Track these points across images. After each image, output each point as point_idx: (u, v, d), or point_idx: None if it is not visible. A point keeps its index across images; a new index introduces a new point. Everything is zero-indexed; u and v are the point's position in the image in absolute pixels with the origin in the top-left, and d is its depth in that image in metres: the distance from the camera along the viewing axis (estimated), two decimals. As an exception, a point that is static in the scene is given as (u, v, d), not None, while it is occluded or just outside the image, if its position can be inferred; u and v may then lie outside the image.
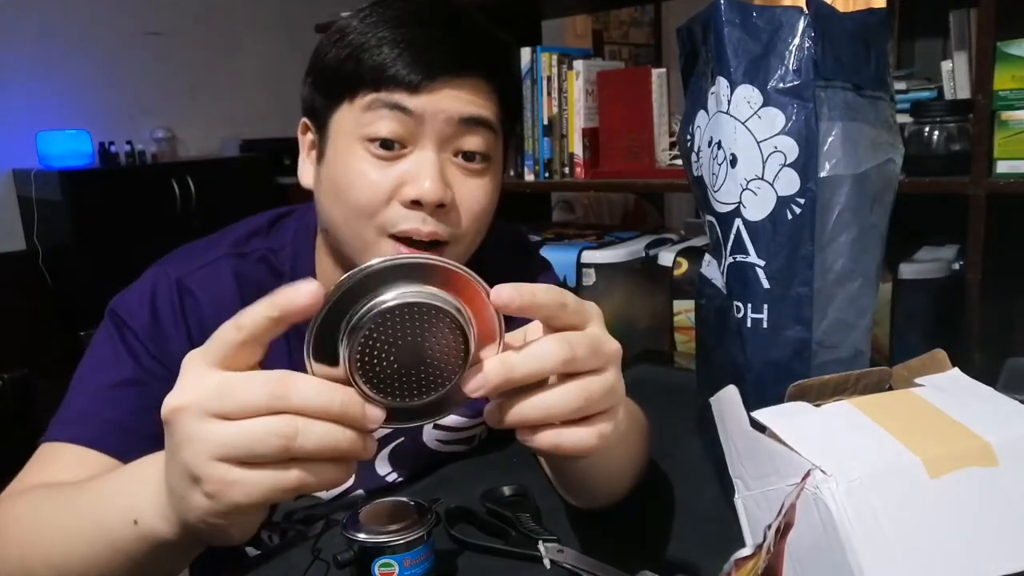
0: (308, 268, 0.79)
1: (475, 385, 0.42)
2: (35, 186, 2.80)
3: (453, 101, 0.68)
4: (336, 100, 0.70)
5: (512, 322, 0.45)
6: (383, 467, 0.85)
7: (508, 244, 0.92)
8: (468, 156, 0.70)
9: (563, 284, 0.96)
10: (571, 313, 0.45)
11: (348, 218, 0.69)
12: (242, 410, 0.38)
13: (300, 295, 0.40)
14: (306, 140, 0.75)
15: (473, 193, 0.71)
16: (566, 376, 0.44)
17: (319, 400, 0.39)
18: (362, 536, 0.61)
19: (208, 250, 0.78)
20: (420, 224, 0.68)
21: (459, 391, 0.43)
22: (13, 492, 0.65)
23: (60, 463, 0.66)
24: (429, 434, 0.87)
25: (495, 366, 0.42)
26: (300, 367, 0.42)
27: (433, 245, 0.69)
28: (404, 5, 0.70)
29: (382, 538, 0.60)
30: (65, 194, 2.68)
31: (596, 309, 0.48)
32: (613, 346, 0.47)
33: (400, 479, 0.87)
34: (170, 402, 0.40)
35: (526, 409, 0.43)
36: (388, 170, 0.68)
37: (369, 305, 0.40)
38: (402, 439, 0.85)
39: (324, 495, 0.82)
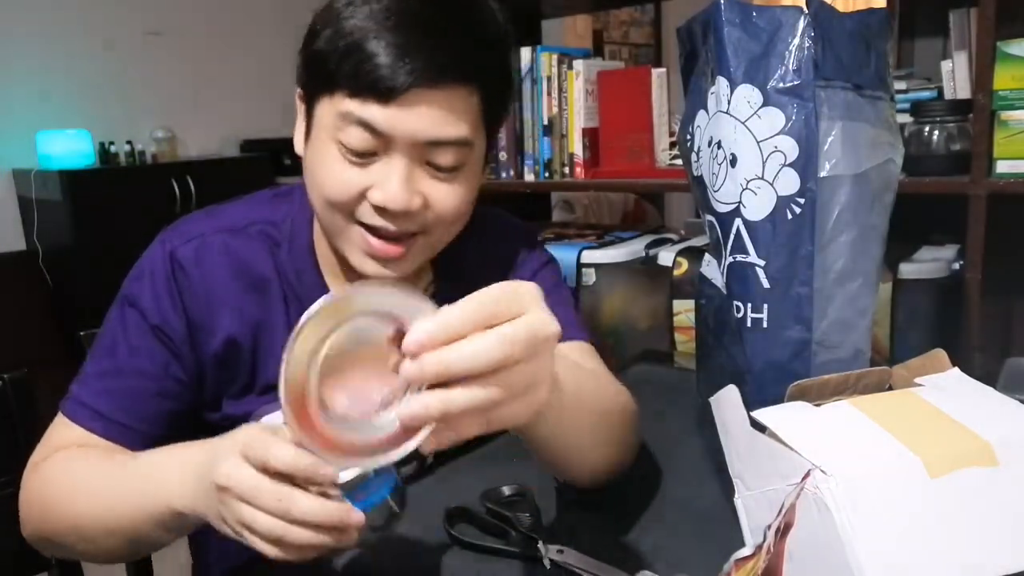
0: (306, 240, 0.81)
1: (411, 375, 0.45)
2: (35, 186, 2.80)
3: (422, 120, 0.67)
4: (319, 90, 0.71)
5: None
6: None
7: (513, 234, 0.93)
8: (438, 167, 0.71)
9: (564, 280, 0.97)
10: (506, 310, 0.46)
11: (322, 206, 0.73)
12: (258, 508, 0.52)
13: (324, 480, 0.52)
14: (301, 108, 0.76)
15: (444, 197, 0.72)
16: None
17: (310, 518, 0.51)
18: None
19: (206, 221, 0.81)
20: (386, 224, 0.71)
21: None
22: (44, 455, 0.74)
23: (75, 435, 0.74)
24: None
25: (431, 361, 0.44)
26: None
27: (400, 237, 0.72)
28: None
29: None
30: (65, 194, 2.68)
31: (532, 290, 0.48)
32: (550, 330, 0.48)
33: None
34: (219, 480, 0.53)
35: (452, 396, 0.45)
36: (359, 172, 0.70)
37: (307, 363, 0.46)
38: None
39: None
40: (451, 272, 0.88)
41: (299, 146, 0.76)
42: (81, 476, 0.70)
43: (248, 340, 0.79)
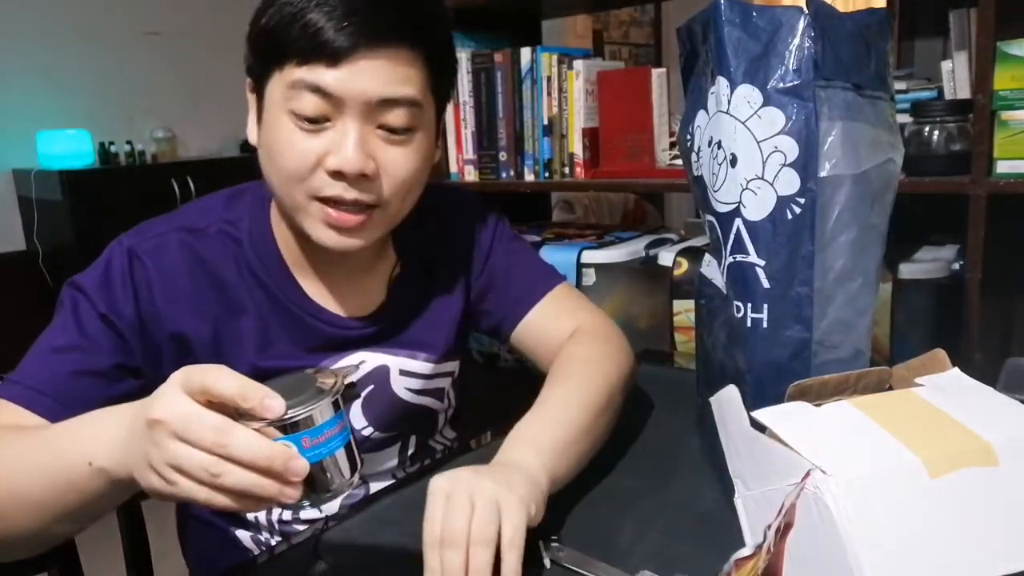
0: (267, 233, 0.82)
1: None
2: (35, 186, 2.80)
3: (371, 80, 0.70)
4: (268, 69, 0.72)
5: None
6: (358, 420, 0.87)
7: (465, 207, 0.96)
8: (391, 129, 0.73)
9: (507, 229, 0.99)
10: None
11: (281, 182, 0.74)
12: (193, 442, 0.49)
13: (268, 411, 0.51)
14: (252, 99, 0.78)
15: (396, 162, 0.74)
16: None
17: (248, 454, 0.49)
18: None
19: (162, 224, 0.81)
20: (343, 192, 0.72)
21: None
22: None
23: (3, 418, 0.70)
24: (397, 382, 0.89)
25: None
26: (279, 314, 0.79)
27: (358, 208, 0.74)
28: None
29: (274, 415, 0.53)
30: (65, 194, 2.68)
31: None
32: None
33: (377, 433, 0.89)
34: (152, 413, 0.50)
35: None
36: (313, 140, 0.71)
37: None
38: (371, 387, 0.88)
39: None
40: (414, 254, 0.91)
41: (252, 136, 0.78)
42: (2, 451, 0.64)
43: (207, 336, 0.79)
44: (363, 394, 0.87)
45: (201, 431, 0.49)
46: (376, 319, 0.87)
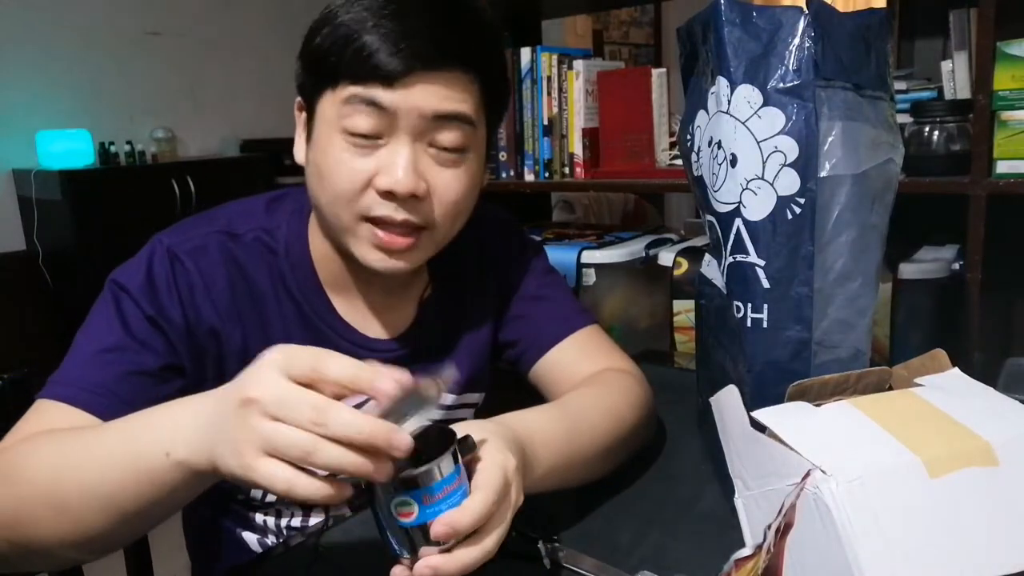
0: (302, 247, 0.81)
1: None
2: (35, 186, 2.80)
3: (427, 97, 0.69)
4: (321, 87, 0.72)
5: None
6: None
7: (505, 234, 0.95)
8: (443, 148, 0.72)
9: (544, 260, 0.98)
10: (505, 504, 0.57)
11: (329, 202, 0.73)
12: (290, 421, 0.48)
13: (381, 391, 0.50)
14: (301, 118, 0.77)
15: (448, 183, 0.73)
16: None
17: (349, 430, 0.48)
18: None
19: (203, 226, 0.80)
20: (393, 212, 0.71)
21: None
22: (16, 440, 0.67)
23: (54, 419, 0.69)
24: None
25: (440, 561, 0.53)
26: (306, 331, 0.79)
27: (407, 229, 0.73)
28: None
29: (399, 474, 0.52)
30: (65, 194, 2.68)
31: (488, 499, 0.55)
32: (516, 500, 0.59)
33: None
34: (246, 392, 0.49)
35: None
36: (365, 159, 0.71)
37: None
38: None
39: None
40: (447, 276, 0.89)
41: (300, 155, 0.77)
42: (67, 447, 0.62)
43: (237, 343, 0.78)
44: None
45: (300, 408, 0.48)
46: (403, 341, 0.85)
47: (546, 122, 1.71)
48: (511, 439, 0.62)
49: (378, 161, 0.70)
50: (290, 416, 0.48)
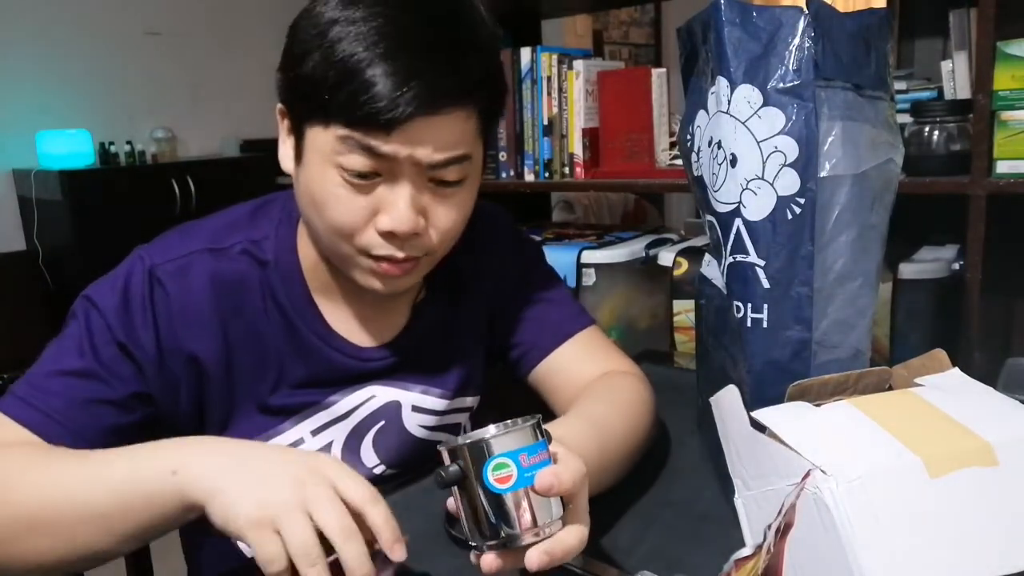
0: (291, 256, 0.79)
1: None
2: (35, 186, 2.80)
3: (425, 146, 0.66)
4: (311, 118, 0.68)
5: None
6: (370, 458, 0.85)
7: (501, 233, 0.94)
8: (442, 182, 0.70)
9: (542, 260, 0.98)
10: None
11: (326, 232, 0.71)
12: (347, 497, 0.56)
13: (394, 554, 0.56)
14: (284, 125, 0.74)
15: (448, 214, 0.72)
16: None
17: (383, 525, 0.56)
18: (464, 440, 0.53)
19: (186, 241, 0.77)
20: (395, 251, 0.70)
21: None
22: None
23: (5, 435, 0.68)
24: (410, 418, 0.86)
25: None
26: (296, 345, 0.79)
27: (407, 259, 0.72)
28: (386, 13, 0.65)
29: (490, 434, 0.53)
30: (65, 194, 2.68)
31: (579, 470, 0.58)
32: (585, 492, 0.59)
33: (389, 471, 0.86)
34: (322, 464, 0.58)
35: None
36: (363, 196, 0.68)
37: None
38: (383, 423, 0.84)
39: None
40: (441, 279, 0.87)
41: (287, 164, 0.74)
42: (53, 463, 0.63)
43: (221, 364, 0.76)
44: (374, 430, 0.84)
45: (361, 492, 0.55)
46: (395, 347, 0.84)
47: (546, 122, 1.71)
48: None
49: (377, 199, 0.68)
50: (349, 493, 0.55)
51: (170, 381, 0.75)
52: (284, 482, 0.54)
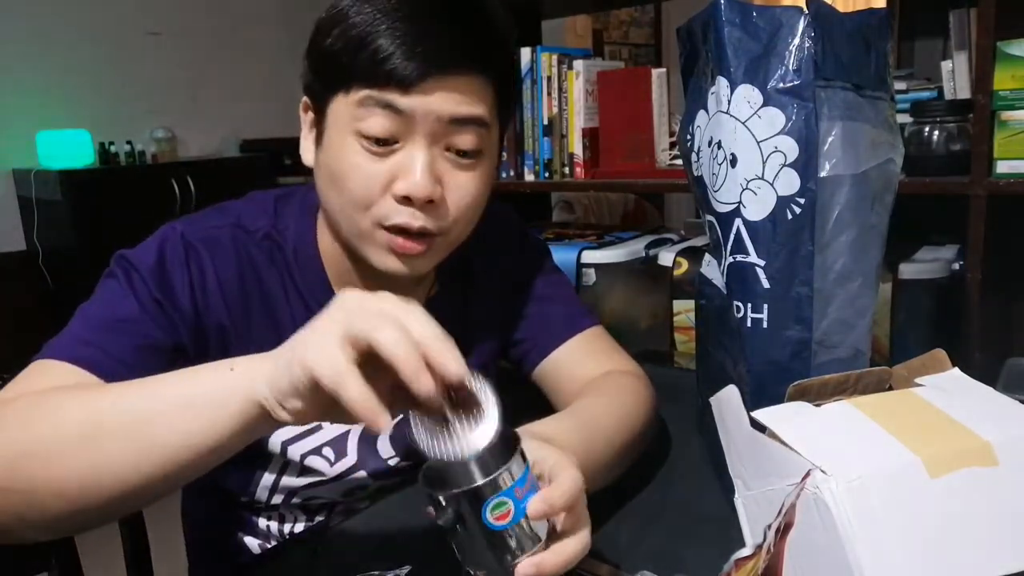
0: (311, 247, 0.81)
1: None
2: (35, 186, 2.80)
3: (444, 101, 0.68)
4: (332, 89, 0.70)
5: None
6: (385, 450, 0.86)
7: (510, 231, 0.95)
8: (459, 152, 0.71)
9: (550, 261, 0.98)
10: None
11: (344, 207, 0.72)
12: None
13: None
14: (307, 119, 0.76)
15: (463, 187, 0.73)
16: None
17: (424, 330, 0.53)
18: (459, 488, 0.50)
19: (216, 218, 0.79)
20: (411, 219, 0.71)
21: None
22: (18, 394, 0.63)
23: (57, 378, 0.65)
24: None
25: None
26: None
27: (422, 235, 0.72)
28: None
29: (479, 477, 0.50)
30: (65, 194, 2.67)
31: (573, 483, 0.56)
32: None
33: (402, 464, 0.87)
34: (345, 301, 0.52)
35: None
36: (381, 164, 0.70)
37: None
38: (401, 416, 0.84)
39: (327, 471, 0.83)
40: (452, 277, 0.88)
41: (308, 157, 0.76)
42: (121, 384, 0.60)
43: (244, 338, 0.77)
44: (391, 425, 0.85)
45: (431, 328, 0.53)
46: None
47: (546, 122, 1.71)
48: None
49: (394, 166, 0.70)
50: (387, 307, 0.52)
51: (202, 345, 0.75)
52: (342, 315, 0.51)
